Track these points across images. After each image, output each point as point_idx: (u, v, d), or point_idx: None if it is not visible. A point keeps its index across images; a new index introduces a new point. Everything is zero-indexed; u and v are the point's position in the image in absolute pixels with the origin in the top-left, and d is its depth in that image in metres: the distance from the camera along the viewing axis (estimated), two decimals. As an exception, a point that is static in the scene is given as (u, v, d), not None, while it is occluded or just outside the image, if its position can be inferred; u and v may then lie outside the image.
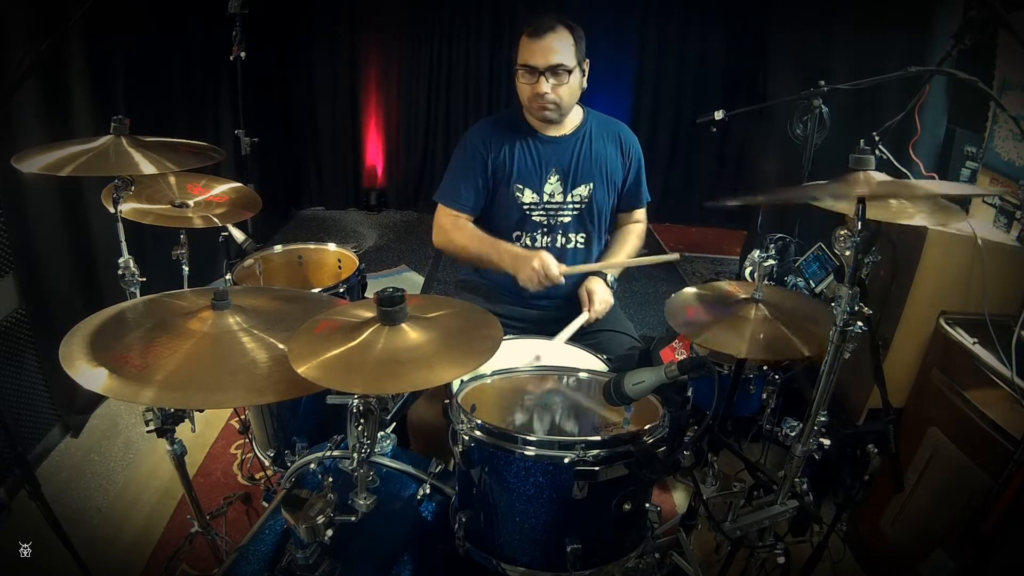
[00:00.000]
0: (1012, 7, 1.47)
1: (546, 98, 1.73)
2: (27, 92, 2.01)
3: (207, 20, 3.10)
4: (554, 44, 1.69)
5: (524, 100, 1.79)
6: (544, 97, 1.73)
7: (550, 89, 1.72)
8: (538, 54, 1.69)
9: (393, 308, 0.99)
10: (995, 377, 1.51)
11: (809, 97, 1.94)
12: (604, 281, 1.86)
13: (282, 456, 1.62)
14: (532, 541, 1.09)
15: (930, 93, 2.15)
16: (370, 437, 1.00)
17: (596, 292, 1.81)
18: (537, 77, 1.71)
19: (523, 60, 1.72)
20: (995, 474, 1.39)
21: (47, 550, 1.48)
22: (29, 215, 2.08)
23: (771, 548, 1.33)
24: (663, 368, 1.09)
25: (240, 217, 1.68)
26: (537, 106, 1.76)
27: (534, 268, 1.68)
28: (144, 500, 2.06)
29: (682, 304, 1.40)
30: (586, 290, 1.83)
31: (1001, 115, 1.94)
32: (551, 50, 1.69)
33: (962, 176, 2.14)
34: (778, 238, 2.18)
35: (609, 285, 1.87)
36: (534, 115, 1.81)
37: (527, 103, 1.78)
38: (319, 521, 0.97)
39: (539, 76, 1.71)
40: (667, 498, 2.17)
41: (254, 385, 0.94)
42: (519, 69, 1.75)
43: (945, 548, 1.56)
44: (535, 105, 1.76)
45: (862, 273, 1.03)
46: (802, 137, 2.02)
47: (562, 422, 1.32)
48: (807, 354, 1.21)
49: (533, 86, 1.73)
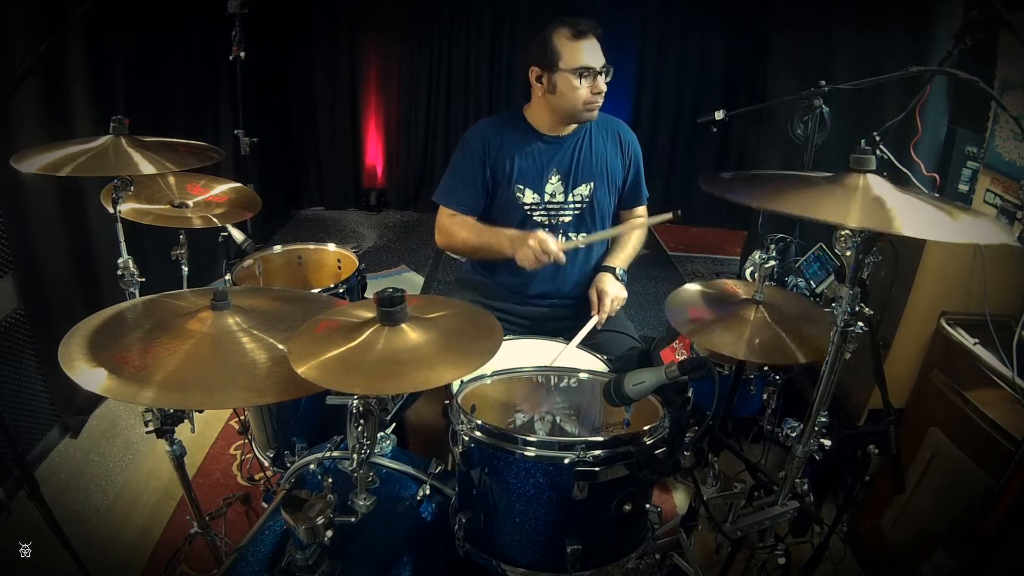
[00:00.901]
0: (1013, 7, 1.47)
1: (602, 95, 1.75)
2: (27, 92, 2.01)
3: (207, 20, 3.09)
4: (597, 43, 1.72)
5: (577, 104, 1.74)
6: (602, 95, 1.74)
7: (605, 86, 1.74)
8: (592, 54, 1.71)
9: (393, 308, 0.98)
10: (996, 377, 1.51)
11: (810, 97, 1.93)
12: (613, 275, 1.85)
13: (282, 457, 1.62)
14: (532, 542, 1.09)
15: (931, 93, 2.15)
16: (370, 438, 1.00)
17: (607, 291, 1.80)
18: (595, 76, 1.72)
19: (579, 63, 1.70)
20: (996, 474, 1.39)
21: (46, 551, 1.48)
22: (28, 215, 2.08)
23: (772, 549, 1.32)
24: (663, 368, 1.09)
25: (240, 217, 1.68)
26: (592, 106, 1.76)
27: (530, 245, 1.67)
28: (143, 501, 2.06)
29: (683, 301, 1.39)
30: (596, 290, 1.82)
31: (1002, 115, 1.94)
32: (599, 49, 1.72)
33: (963, 176, 2.14)
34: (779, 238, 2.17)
35: (619, 278, 1.86)
36: (582, 117, 1.79)
37: (580, 106, 1.75)
38: (319, 522, 0.97)
39: (596, 76, 1.72)
40: (667, 499, 2.17)
41: (253, 386, 0.94)
42: (571, 72, 1.70)
43: (946, 548, 1.55)
44: (590, 105, 1.75)
45: (863, 273, 1.03)
46: (803, 137, 2.01)
47: (562, 423, 1.32)
48: (802, 361, 1.21)
49: (592, 86, 1.73)
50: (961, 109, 2.21)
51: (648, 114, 5.06)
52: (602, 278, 1.84)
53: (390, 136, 5.23)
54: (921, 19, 2.35)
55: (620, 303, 1.81)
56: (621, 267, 1.88)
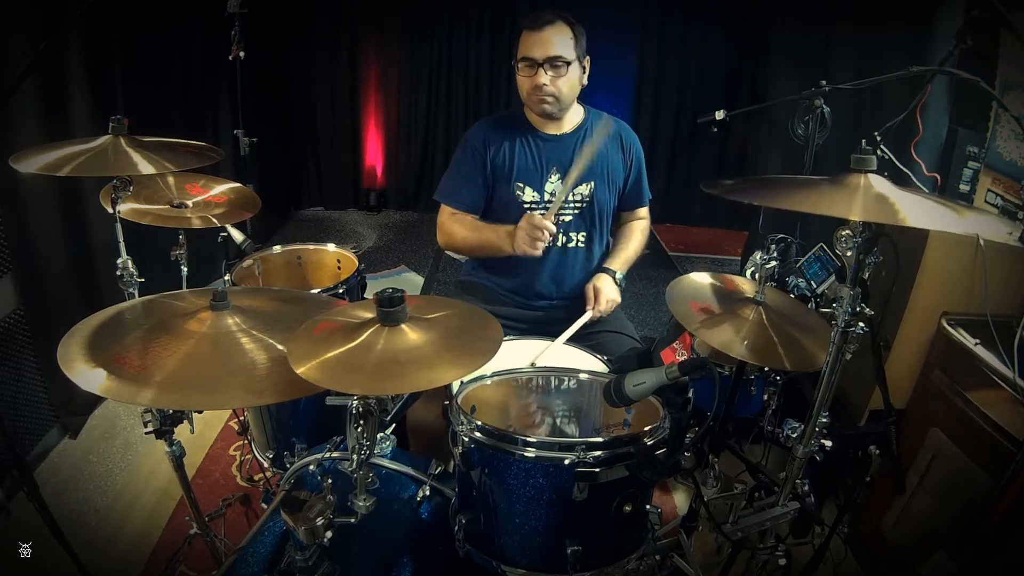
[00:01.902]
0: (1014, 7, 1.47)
1: (544, 90, 1.73)
2: (26, 92, 2.00)
3: (206, 20, 3.09)
4: (552, 37, 1.70)
5: (523, 94, 1.79)
6: (543, 89, 1.73)
7: (548, 81, 1.72)
8: (536, 46, 1.71)
9: (393, 309, 0.98)
10: (997, 378, 1.50)
11: (810, 97, 1.93)
12: (612, 279, 1.86)
13: (281, 457, 1.62)
14: (532, 543, 1.09)
15: (932, 93, 2.14)
16: (369, 438, 0.99)
17: (603, 291, 1.80)
18: (536, 69, 1.72)
19: (522, 53, 1.73)
20: (997, 475, 1.38)
21: (46, 551, 1.47)
22: (27, 215, 2.07)
23: (772, 550, 1.32)
24: (664, 369, 1.09)
25: (239, 217, 1.67)
26: (536, 99, 1.76)
27: (520, 227, 1.69)
28: (143, 502, 2.06)
29: (686, 289, 1.38)
30: (593, 288, 1.82)
31: (1003, 115, 1.94)
32: (549, 42, 1.70)
33: (964, 176, 2.13)
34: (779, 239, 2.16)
35: (617, 283, 1.86)
36: (533, 108, 1.81)
37: (526, 96, 1.79)
38: (318, 523, 0.97)
39: (538, 68, 1.72)
40: (668, 499, 2.17)
41: (253, 386, 0.94)
42: (519, 63, 1.76)
43: (946, 549, 1.55)
44: (534, 98, 1.77)
45: (864, 274, 1.02)
46: (803, 137, 2.01)
47: (562, 423, 1.31)
48: (788, 367, 1.21)
49: (532, 78, 1.74)
50: (962, 109, 2.21)
51: (648, 114, 5.06)
52: (600, 277, 1.84)
53: (390, 136, 5.23)
54: (922, 19, 2.35)
55: (613, 305, 1.82)
56: (620, 271, 1.89)
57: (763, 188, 1.18)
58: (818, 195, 0.99)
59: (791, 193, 1.04)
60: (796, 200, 0.99)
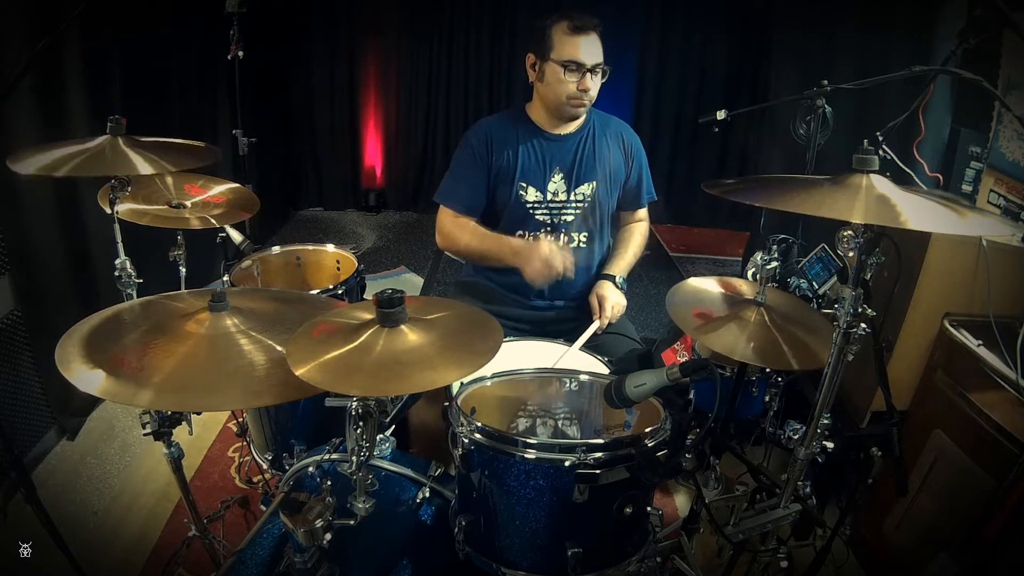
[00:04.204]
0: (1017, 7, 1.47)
1: (588, 95, 1.72)
2: (23, 92, 2.00)
3: (205, 19, 3.08)
4: (599, 41, 1.70)
5: (560, 96, 1.73)
6: (587, 94, 1.72)
7: (594, 87, 1.71)
8: (586, 51, 1.68)
9: (392, 310, 0.98)
10: (1000, 379, 1.50)
11: (812, 97, 1.92)
12: (613, 283, 1.85)
13: (280, 459, 1.61)
14: (533, 545, 1.08)
15: (934, 93, 2.14)
16: (369, 440, 0.99)
17: (608, 298, 1.80)
18: (584, 74, 1.70)
19: (569, 55, 1.68)
20: (999, 477, 1.38)
21: (43, 553, 1.47)
22: (25, 216, 2.07)
23: (774, 552, 1.32)
24: (665, 370, 1.08)
25: (238, 218, 1.67)
26: (576, 103, 1.74)
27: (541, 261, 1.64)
28: (141, 503, 2.05)
29: (686, 295, 1.38)
30: (597, 296, 1.81)
31: (1006, 115, 1.93)
32: (597, 47, 1.70)
33: (967, 176, 2.13)
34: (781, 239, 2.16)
35: (618, 286, 1.85)
36: (564, 112, 1.78)
37: (563, 99, 1.73)
38: (317, 525, 0.96)
39: (585, 73, 1.70)
40: (669, 501, 2.16)
41: (252, 387, 0.94)
42: (559, 64, 1.69)
43: (949, 551, 1.54)
44: (574, 102, 1.73)
45: (866, 274, 1.02)
46: (805, 137, 2.00)
47: (563, 425, 1.31)
48: (795, 367, 1.20)
49: (579, 82, 1.70)
50: (965, 109, 2.20)
51: (649, 114, 5.05)
52: (602, 285, 1.84)
53: (389, 136, 5.22)
54: (924, 18, 2.34)
55: (620, 310, 1.81)
56: (621, 275, 1.88)
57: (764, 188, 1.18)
58: (820, 196, 0.99)
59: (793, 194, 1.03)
60: (798, 201, 0.98)
